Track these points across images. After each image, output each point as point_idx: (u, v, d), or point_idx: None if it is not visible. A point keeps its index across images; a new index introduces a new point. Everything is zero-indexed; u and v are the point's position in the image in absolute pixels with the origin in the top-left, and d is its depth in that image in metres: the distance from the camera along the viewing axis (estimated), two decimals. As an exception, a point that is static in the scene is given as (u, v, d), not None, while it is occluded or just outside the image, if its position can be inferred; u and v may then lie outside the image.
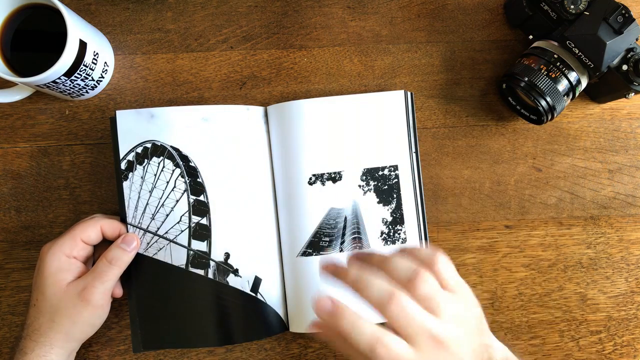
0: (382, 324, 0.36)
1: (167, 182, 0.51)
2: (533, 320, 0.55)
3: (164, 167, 0.50)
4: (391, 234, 0.52)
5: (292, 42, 0.57)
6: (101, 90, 0.55)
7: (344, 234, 0.52)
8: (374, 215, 0.52)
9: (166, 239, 0.50)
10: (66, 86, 0.49)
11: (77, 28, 0.47)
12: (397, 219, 0.52)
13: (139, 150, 0.50)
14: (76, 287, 0.46)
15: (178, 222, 0.50)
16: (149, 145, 0.50)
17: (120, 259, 0.47)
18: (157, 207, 0.50)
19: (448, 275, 0.39)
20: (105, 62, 0.53)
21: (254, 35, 0.56)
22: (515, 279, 0.55)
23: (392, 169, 0.52)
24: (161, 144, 0.50)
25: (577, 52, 0.49)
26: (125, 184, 0.50)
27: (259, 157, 0.53)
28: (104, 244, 0.49)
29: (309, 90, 0.56)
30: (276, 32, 0.57)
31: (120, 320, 0.53)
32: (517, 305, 0.55)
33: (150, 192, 0.50)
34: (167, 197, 0.50)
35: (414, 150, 0.53)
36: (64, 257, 0.46)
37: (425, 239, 0.53)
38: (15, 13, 0.50)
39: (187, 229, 0.50)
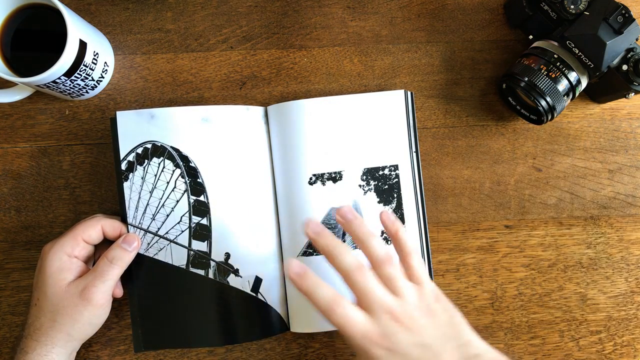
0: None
1: (168, 183, 0.51)
2: (533, 320, 0.55)
3: (164, 167, 0.50)
4: (391, 234, 0.52)
5: (292, 42, 0.57)
6: (101, 90, 0.55)
7: (344, 234, 0.52)
8: (375, 214, 0.52)
9: (167, 239, 0.50)
10: (66, 86, 0.49)
11: (77, 28, 0.47)
12: (398, 218, 0.52)
13: (139, 150, 0.50)
14: (77, 287, 0.46)
15: (178, 223, 0.50)
16: (149, 145, 0.50)
17: (121, 258, 0.47)
18: (157, 208, 0.50)
19: (419, 270, 0.43)
20: (105, 62, 0.53)
21: (254, 35, 0.56)
22: (515, 279, 0.55)
23: (393, 168, 0.52)
24: (161, 145, 0.50)
25: (577, 52, 0.49)
26: (126, 185, 0.50)
27: (259, 157, 0.53)
28: (105, 244, 0.49)
29: (309, 90, 0.56)
30: (276, 32, 0.57)
31: (120, 320, 0.53)
32: (517, 305, 0.55)
33: (150, 192, 0.50)
34: (168, 197, 0.50)
35: (414, 149, 0.53)
36: (65, 256, 0.46)
37: (426, 238, 0.53)
38: (15, 13, 0.49)
39: (188, 229, 0.50)
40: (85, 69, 0.49)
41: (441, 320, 0.41)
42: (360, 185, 0.52)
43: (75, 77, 0.49)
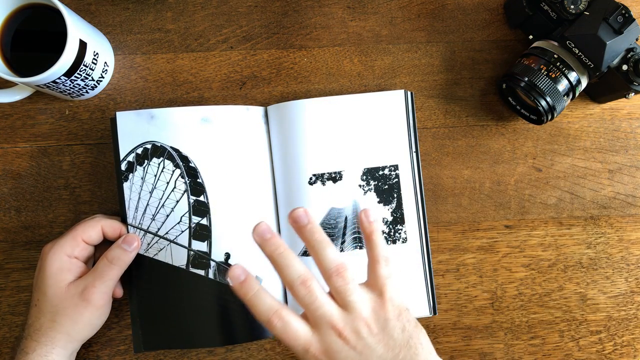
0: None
1: (167, 183, 0.50)
2: (533, 320, 0.55)
3: (164, 167, 0.50)
4: (392, 233, 0.52)
5: (292, 42, 0.57)
6: (101, 90, 0.55)
7: (344, 234, 0.52)
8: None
9: (166, 239, 0.50)
10: (66, 86, 0.49)
11: (77, 28, 0.47)
12: (398, 218, 0.52)
13: (139, 151, 0.50)
14: (77, 287, 0.46)
15: (178, 223, 0.50)
16: (149, 146, 0.50)
17: (121, 259, 0.47)
18: (157, 208, 0.50)
19: (384, 281, 0.40)
20: (105, 62, 0.53)
21: (254, 35, 0.56)
22: (515, 279, 0.55)
23: (393, 168, 0.52)
24: (161, 145, 0.50)
25: (577, 52, 0.49)
26: (126, 185, 0.50)
27: (259, 157, 0.53)
28: (105, 244, 0.49)
29: (309, 90, 0.56)
30: (276, 32, 0.57)
31: (120, 320, 0.53)
32: (517, 305, 0.55)
33: (150, 192, 0.50)
34: (167, 197, 0.50)
35: (414, 149, 0.53)
36: (65, 257, 0.46)
37: (426, 238, 0.53)
38: (15, 13, 0.49)
39: (188, 230, 0.50)
40: (85, 69, 0.49)
41: (396, 341, 0.39)
42: (360, 185, 0.52)
43: (75, 77, 0.49)
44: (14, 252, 0.53)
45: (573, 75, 0.50)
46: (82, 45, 0.48)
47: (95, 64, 0.51)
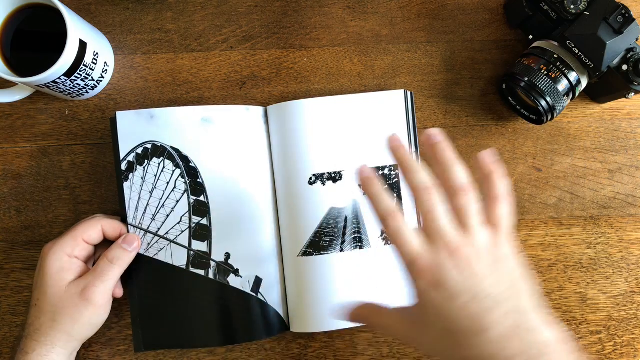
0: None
1: (168, 183, 0.51)
2: (533, 320, 0.55)
3: (164, 167, 0.50)
4: (391, 234, 0.52)
5: (292, 42, 0.57)
6: (101, 90, 0.55)
7: (344, 234, 0.52)
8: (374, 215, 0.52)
9: (167, 239, 0.50)
10: (66, 86, 0.49)
11: (77, 28, 0.47)
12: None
13: (139, 151, 0.50)
14: (77, 287, 0.46)
15: (178, 223, 0.50)
16: (149, 145, 0.50)
17: (122, 258, 0.47)
18: (157, 208, 0.50)
19: (502, 217, 0.38)
20: (105, 62, 0.53)
21: (254, 35, 0.56)
22: (515, 278, 0.55)
23: (393, 168, 0.52)
24: (161, 145, 0.50)
25: (577, 52, 0.49)
26: (126, 185, 0.50)
27: (259, 157, 0.53)
28: (105, 244, 0.49)
29: (309, 90, 0.56)
30: (276, 32, 0.57)
31: (120, 320, 0.53)
32: (517, 305, 0.55)
33: (150, 192, 0.50)
34: (168, 197, 0.50)
35: (414, 149, 0.53)
36: (66, 256, 0.46)
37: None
38: (15, 13, 0.49)
39: (188, 230, 0.50)
40: (85, 69, 0.49)
41: (504, 277, 0.36)
42: (360, 185, 0.52)
43: (75, 77, 0.49)
44: (14, 252, 0.53)
45: (573, 75, 0.50)
46: (82, 45, 0.48)
47: (95, 64, 0.51)
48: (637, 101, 0.57)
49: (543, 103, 0.50)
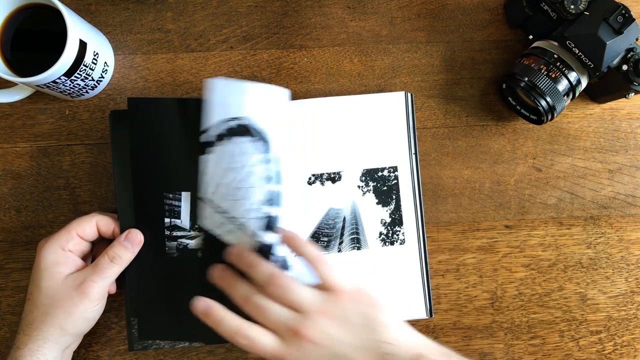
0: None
1: (246, 165, 0.48)
2: (533, 320, 0.55)
3: (245, 149, 0.48)
4: (390, 235, 0.52)
5: (292, 42, 0.57)
6: (101, 90, 0.55)
7: (342, 235, 0.52)
8: (373, 216, 0.52)
9: (235, 223, 0.48)
10: (66, 86, 0.49)
11: (77, 28, 0.47)
12: (396, 220, 0.52)
13: (226, 126, 0.48)
14: (75, 280, 0.46)
15: (251, 210, 0.48)
16: (245, 122, 0.48)
17: (122, 257, 0.47)
18: (231, 189, 0.48)
19: (329, 276, 0.43)
20: (105, 62, 0.53)
21: (254, 35, 0.56)
22: (515, 279, 0.55)
23: (392, 170, 0.52)
24: (254, 126, 0.48)
25: (577, 52, 0.49)
26: (204, 158, 0.48)
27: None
28: (105, 243, 0.49)
29: (309, 90, 0.56)
30: (276, 32, 0.57)
31: (120, 320, 0.53)
32: (517, 305, 0.55)
33: (226, 171, 0.48)
34: (243, 180, 0.48)
35: (413, 152, 0.53)
36: (60, 250, 0.46)
37: (424, 240, 0.53)
38: (15, 13, 0.50)
39: (258, 218, 0.48)
40: (85, 69, 0.49)
41: (354, 325, 0.41)
42: (359, 186, 0.52)
43: (75, 77, 0.49)
44: (14, 252, 0.54)
45: (573, 75, 0.50)
46: (82, 45, 0.48)
47: (95, 64, 0.51)
48: (637, 101, 0.57)
49: (543, 103, 0.50)
